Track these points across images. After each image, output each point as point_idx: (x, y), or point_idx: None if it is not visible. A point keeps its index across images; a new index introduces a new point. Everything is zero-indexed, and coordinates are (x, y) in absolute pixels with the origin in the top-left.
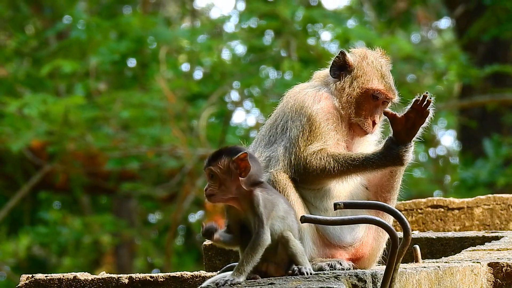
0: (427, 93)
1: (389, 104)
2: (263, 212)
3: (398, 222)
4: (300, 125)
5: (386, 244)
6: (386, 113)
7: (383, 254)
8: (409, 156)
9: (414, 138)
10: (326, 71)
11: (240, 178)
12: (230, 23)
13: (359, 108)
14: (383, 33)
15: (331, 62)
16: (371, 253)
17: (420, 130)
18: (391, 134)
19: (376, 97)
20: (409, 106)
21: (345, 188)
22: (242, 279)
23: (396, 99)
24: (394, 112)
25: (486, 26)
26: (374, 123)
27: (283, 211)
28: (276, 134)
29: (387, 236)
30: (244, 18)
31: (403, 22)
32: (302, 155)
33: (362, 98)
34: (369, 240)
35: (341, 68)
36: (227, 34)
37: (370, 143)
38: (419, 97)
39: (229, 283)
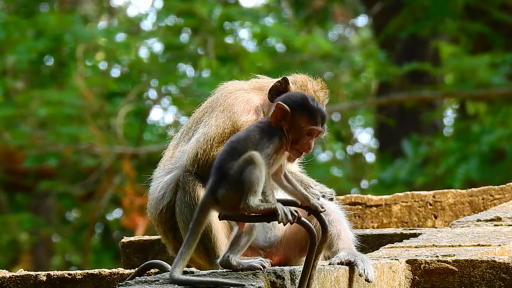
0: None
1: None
2: None
3: (316, 219)
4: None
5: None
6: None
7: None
8: None
9: None
10: (264, 81)
11: None
12: (147, 21)
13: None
14: (301, 31)
15: (270, 86)
16: (290, 254)
17: None
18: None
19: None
20: None
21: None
22: None
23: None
24: None
25: (404, 23)
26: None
27: None
28: (198, 128)
29: (306, 237)
30: (161, 16)
31: (321, 19)
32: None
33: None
34: (286, 241)
35: (280, 94)
36: (144, 32)
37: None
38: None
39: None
